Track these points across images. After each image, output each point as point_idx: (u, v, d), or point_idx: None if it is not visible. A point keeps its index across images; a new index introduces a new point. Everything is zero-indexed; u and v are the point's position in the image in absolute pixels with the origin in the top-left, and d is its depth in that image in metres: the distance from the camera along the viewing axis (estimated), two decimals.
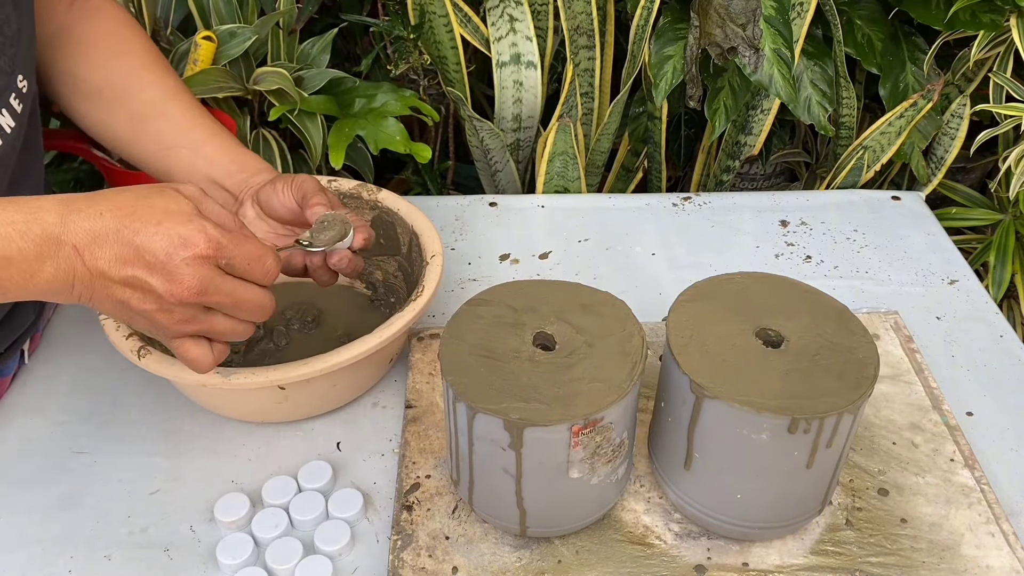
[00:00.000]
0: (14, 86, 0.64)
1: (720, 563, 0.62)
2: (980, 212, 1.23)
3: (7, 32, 0.62)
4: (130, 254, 0.51)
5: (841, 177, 1.14)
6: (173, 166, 0.74)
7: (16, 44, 0.63)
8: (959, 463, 0.69)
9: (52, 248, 0.50)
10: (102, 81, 0.74)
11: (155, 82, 0.75)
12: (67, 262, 0.50)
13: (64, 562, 0.64)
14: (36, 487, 0.69)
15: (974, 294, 0.89)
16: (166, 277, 0.52)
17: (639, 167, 1.28)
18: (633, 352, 0.59)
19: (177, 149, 0.73)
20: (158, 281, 0.51)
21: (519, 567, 0.62)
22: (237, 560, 0.62)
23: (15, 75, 0.64)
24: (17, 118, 0.65)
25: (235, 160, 0.74)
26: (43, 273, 0.50)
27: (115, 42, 0.75)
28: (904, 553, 0.63)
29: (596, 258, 0.94)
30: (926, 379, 0.76)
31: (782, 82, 1.04)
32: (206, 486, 0.69)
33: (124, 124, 0.74)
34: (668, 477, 0.64)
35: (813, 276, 0.91)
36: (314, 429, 0.73)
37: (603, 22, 1.17)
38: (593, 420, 0.55)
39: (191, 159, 0.73)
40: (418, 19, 1.12)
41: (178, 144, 0.73)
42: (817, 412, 0.55)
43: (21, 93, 0.65)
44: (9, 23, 0.62)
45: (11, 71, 0.63)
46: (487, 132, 1.15)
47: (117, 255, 0.51)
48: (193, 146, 0.74)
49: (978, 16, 1.10)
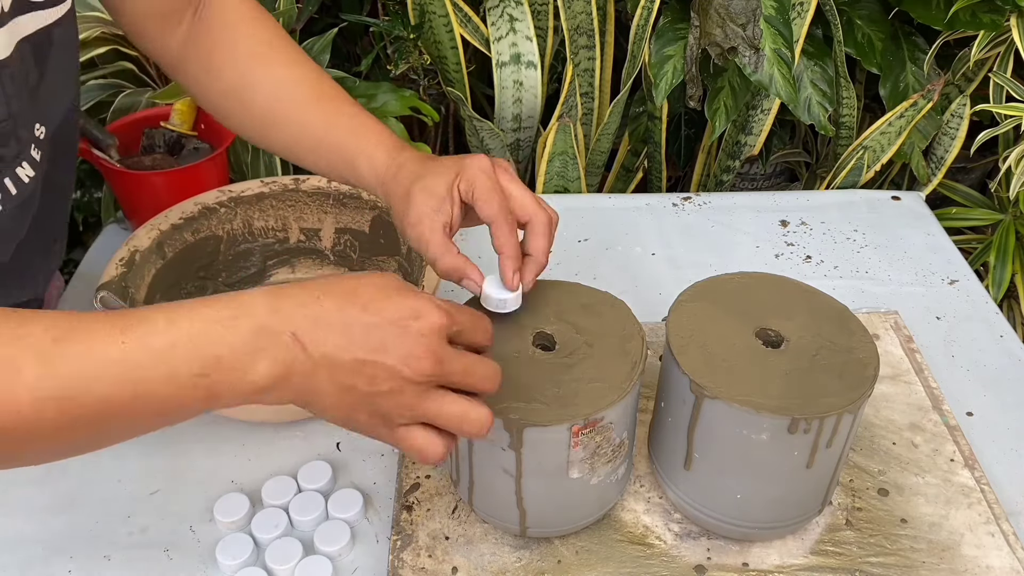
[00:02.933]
0: (32, 136, 0.63)
1: (720, 563, 0.62)
2: (980, 212, 1.23)
3: (28, 83, 0.62)
4: (359, 333, 0.46)
5: (841, 177, 1.14)
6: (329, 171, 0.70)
7: (35, 94, 0.62)
8: (959, 463, 0.69)
9: (267, 340, 0.45)
10: (224, 91, 0.71)
11: (263, 83, 0.70)
12: (285, 352, 0.45)
13: (64, 562, 0.64)
14: (36, 487, 0.69)
15: (974, 294, 0.89)
16: (402, 352, 0.47)
17: (639, 167, 1.28)
18: (633, 352, 0.59)
19: (307, 156, 0.69)
20: (393, 358, 0.46)
21: (519, 567, 0.62)
22: (237, 560, 0.62)
23: (33, 125, 0.63)
24: (37, 166, 0.64)
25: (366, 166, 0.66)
26: (258, 369, 0.45)
27: (227, 44, 0.71)
28: (904, 553, 0.62)
29: (596, 258, 0.94)
30: (926, 379, 0.76)
31: (782, 82, 1.04)
32: (206, 486, 0.69)
33: (252, 132, 0.72)
34: (668, 477, 0.64)
35: (813, 276, 0.91)
36: (314, 429, 0.73)
37: (603, 22, 1.17)
38: (593, 420, 0.55)
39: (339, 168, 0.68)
40: (418, 19, 1.12)
41: (304, 150, 0.69)
42: (817, 412, 0.55)
43: (39, 140, 0.64)
44: (28, 75, 0.62)
45: (30, 122, 0.63)
46: (487, 132, 1.15)
47: (344, 336, 0.46)
48: (316, 152, 0.69)
49: (978, 16, 1.10)
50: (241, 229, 0.83)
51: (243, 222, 0.83)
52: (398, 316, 0.47)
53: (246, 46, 0.70)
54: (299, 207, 0.84)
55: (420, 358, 0.47)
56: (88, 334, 0.43)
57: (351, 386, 0.47)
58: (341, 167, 0.67)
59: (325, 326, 0.46)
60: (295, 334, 0.46)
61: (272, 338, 0.45)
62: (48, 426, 0.42)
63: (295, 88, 0.69)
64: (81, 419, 0.42)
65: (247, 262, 0.84)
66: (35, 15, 0.61)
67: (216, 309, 0.45)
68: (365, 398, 0.47)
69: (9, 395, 0.41)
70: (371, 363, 0.46)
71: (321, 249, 0.86)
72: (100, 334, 0.43)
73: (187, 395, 0.44)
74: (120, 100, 1.02)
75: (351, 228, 0.84)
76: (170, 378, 0.44)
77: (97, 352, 0.43)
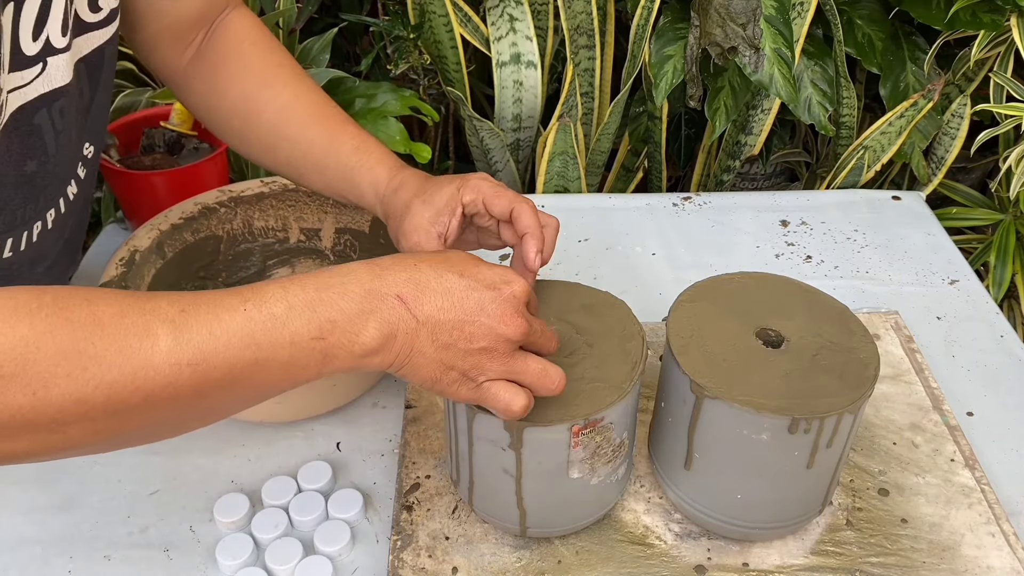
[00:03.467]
0: (81, 155, 0.65)
1: (720, 563, 0.62)
2: (980, 212, 1.23)
3: (80, 105, 0.62)
4: (459, 295, 0.50)
5: (841, 177, 1.14)
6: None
7: (86, 114, 0.64)
8: (959, 463, 0.69)
9: (375, 302, 0.49)
10: (229, 109, 0.72)
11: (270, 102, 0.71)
12: (391, 313, 0.49)
13: (64, 562, 0.64)
14: (36, 487, 0.69)
15: (974, 294, 0.89)
16: (498, 312, 0.51)
17: (639, 167, 1.28)
18: (633, 352, 0.59)
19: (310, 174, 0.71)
20: (490, 318, 0.51)
21: (519, 567, 0.62)
22: (237, 560, 0.62)
23: (83, 144, 0.65)
24: (81, 184, 0.66)
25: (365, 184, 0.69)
26: (368, 330, 0.48)
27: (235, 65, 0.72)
28: (904, 553, 0.62)
29: (596, 258, 0.94)
30: (926, 379, 0.76)
31: (782, 82, 1.04)
32: (206, 486, 0.69)
33: (257, 151, 0.73)
34: (668, 477, 0.64)
35: (813, 276, 0.91)
36: (314, 429, 0.73)
37: (603, 22, 1.17)
38: (593, 420, 0.55)
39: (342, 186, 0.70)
40: (418, 19, 1.12)
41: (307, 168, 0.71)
42: (817, 412, 0.55)
43: (86, 159, 0.66)
44: (83, 96, 0.63)
45: (80, 140, 0.64)
46: (487, 132, 1.15)
47: (445, 298, 0.50)
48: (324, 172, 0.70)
49: (979, 16, 1.10)
50: (241, 229, 0.83)
51: (243, 222, 0.83)
52: (491, 281, 0.51)
53: (255, 68, 0.72)
54: (299, 207, 0.84)
55: (514, 316, 0.51)
56: (212, 305, 0.45)
57: (449, 344, 0.50)
58: (342, 184, 0.69)
59: (427, 289, 0.50)
60: (400, 296, 0.49)
61: (379, 301, 0.49)
62: (186, 391, 0.44)
63: (299, 109, 0.71)
64: (213, 382, 0.44)
65: (247, 262, 0.84)
66: (90, 36, 0.62)
67: (323, 278, 0.49)
68: (461, 355, 0.51)
69: (148, 361, 0.43)
70: (471, 322, 0.50)
71: (321, 249, 0.86)
72: (224, 304, 0.46)
73: (305, 358, 0.47)
74: (120, 100, 1.02)
75: (351, 228, 0.84)
76: (291, 343, 0.46)
77: (224, 319, 0.45)
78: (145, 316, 0.43)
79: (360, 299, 0.48)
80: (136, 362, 0.42)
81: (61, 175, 0.63)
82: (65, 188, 0.64)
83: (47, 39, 0.56)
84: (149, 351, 0.43)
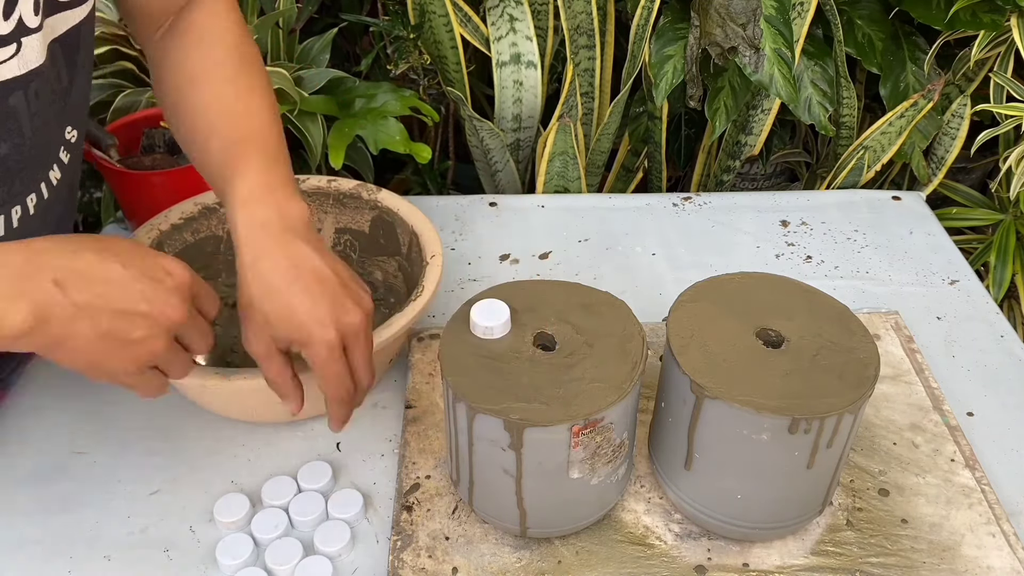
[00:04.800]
0: (63, 139, 0.65)
1: (720, 563, 0.62)
2: (981, 212, 1.23)
3: (58, 88, 0.62)
4: (119, 285, 0.51)
5: (841, 177, 1.14)
6: None
7: (66, 98, 0.64)
8: (960, 463, 0.69)
9: (26, 285, 0.49)
10: (163, 98, 0.71)
11: (188, 99, 0.69)
12: (45, 295, 0.49)
13: (64, 562, 0.64)
14: (36, 487, 0.69)
15: (975, 294, 0.89)
16: (159, 303, 0.52)
17: (639, 167, 1.28)
18: (633, 352, 0.59)
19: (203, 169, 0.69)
20: (151, 308, 0.52)
21: (519, 567, 0.62)
22: (237, 560, 0.62)
23: (63, 127, 0.64)
24: (64, 169, 0.66)
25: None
26: (17, 313, 0.48)
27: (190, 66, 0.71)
28: (905, 554, 0.62)
29: (596, 258, 0.94)
30: (927, 379, 0.76)
31: (782, 82, 1.04)
32: (206, 486, 0.69)
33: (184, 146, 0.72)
34: (668, 477, 0.64)
35: (813, 276, 0.91)
36: (314, 429, 0.73)
37: (603, 22, 1.17)
38: (593, 420, 0.55)
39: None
40: (418, 19, 1.12)
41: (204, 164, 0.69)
42: (817, 412, 0.55)
43: (69, 144, 0.66)
44: (60, 78, 0.62)
45: (60, 124, 0.64)
46: (487, 132, 1.15)
47: (106, 287, 0.51)
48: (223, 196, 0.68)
49: (979, 16, 1.10)
50: None
51: None
52: (153, 272, 0.53)
53: (189, 63, 0.69)
54: None
55: (175, 308, 0.53)
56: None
57: (108, 332, 0.51)
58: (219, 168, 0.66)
59: (87, 277, 0.51)
60: (56, 281, 0.49)
61: (32, 284, 0.49)
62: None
63: (210, 113, 0.68)
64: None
65: None
66: (64, 15, 0.61)
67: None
68: (120, 344, 0.52)
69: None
70: (131, 312, 0.52)
71: None
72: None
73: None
74: (120, 100, 1.02)
75: (351, 228, 0.84)
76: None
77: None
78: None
79: (12, 282, 0.49)
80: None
81: (40, 159, 0.62)
82: (47, 173, 0.63)
83: (19, 18, 0.56)
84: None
